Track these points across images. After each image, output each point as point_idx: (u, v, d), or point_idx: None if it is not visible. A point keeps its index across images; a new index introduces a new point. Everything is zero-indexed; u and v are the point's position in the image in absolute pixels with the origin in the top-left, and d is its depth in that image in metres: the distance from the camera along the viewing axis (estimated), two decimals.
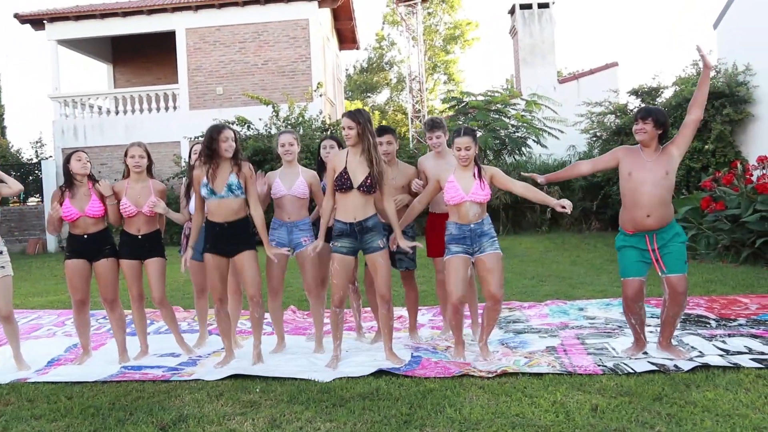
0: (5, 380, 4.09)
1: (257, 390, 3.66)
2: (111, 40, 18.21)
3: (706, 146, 9.13)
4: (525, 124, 9.76)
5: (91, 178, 4.52)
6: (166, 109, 16.40)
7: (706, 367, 3.69)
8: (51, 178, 15.94)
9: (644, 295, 4.07)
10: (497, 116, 10.23)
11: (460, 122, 10.56)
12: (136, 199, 4.41)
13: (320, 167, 4.85)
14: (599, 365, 3.84)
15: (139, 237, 4.45)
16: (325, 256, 4.42)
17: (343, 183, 3.99)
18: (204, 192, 4.05)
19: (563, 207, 3.99)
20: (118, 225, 4.53)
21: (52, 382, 3.99)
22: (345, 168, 4.00)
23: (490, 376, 3.73)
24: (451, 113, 11.84)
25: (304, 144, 13.71)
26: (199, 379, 3.92)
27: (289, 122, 14.45)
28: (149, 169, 4.55)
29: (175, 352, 4.61)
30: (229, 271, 4.24)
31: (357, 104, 31.09)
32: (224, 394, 3.62)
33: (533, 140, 10.31)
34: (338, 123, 15.87)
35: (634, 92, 10.95)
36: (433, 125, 4.70)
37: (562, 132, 10.27)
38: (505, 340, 4.65)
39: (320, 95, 15.63)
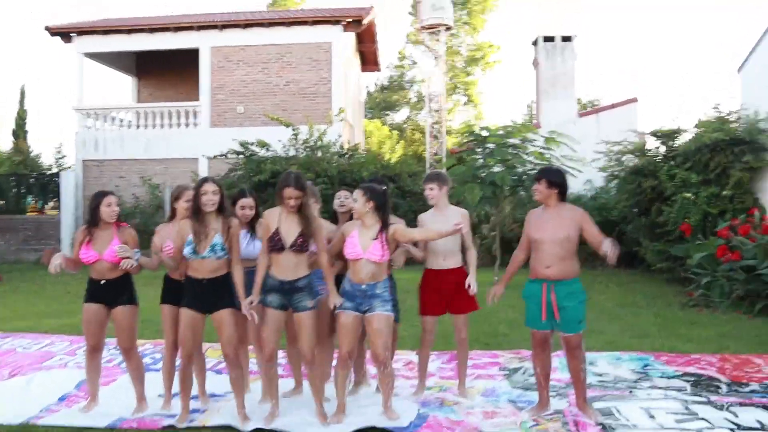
0: (16, 421, 4.15)
1: None
2: (136, 55, 18.49)
3: (724, 192, 9.10)
4: (544, 162, 9.76)
5: (118, 221, 4.43)
6: (187, 125, 16.62)
7: None
8: (70, 189, 16.16)
9: (549, 348, 4.27)
10: (515, 152, 10.25)
11: (478, 157, 10.59)
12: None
13: (334, 219, 4.87)
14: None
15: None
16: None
17: (275, 244, 4.02)
18: (187, 251, 4.02)
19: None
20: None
21: (63, 427, 4.03)
22: (278, 228, 4.04)
23: None
24: (464, 149, 11.91)
25: (322, 168, 13.82)
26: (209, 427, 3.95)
27: (308, 145, 14.57)
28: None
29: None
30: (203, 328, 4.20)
31: (376, 123, 31.23)
32: None
33: None
34: (357, 147, 15.99)
35: (654, 134, 10.94)
36: (428, 177, 4.76)
37: (580, 171, 10.26)
38: (513, 398, 4.63)
39: (341, 120, 15.74)
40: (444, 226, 4.54)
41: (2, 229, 16.48)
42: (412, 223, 4.83)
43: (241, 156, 14.49)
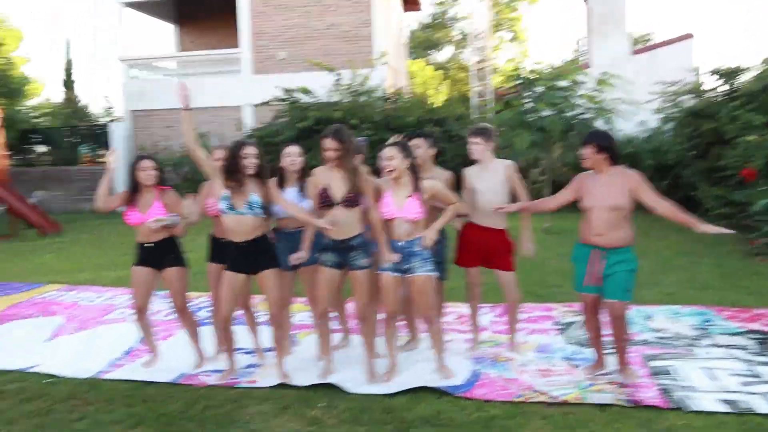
0: (85, 374, 4.33)
1: (321, 405, 3.75)
2: (176, 2, 18.34)
3: None
4: (595, 106, 9.38)
5: (160, 185, 4.47)
6: (230, 73, 16.55)
7: None
8: (120, 140, 16.43)
9: (598, 311, 4.16)
10: (565, 95, 9.84)
11: (526, 101, 10.23)
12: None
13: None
14: (665, 396, 3.75)
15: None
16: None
17: (324, 200, 4.00)
18: (223, 205, 4.02)
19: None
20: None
21: (129, 381, 4.19)
22: (327, 186, 4.01)
23: (551, 401, 3.71)
24: (514, 91, 11.48)
25: (366, 114, 13.64)
26: (264, 387, 4.05)
27: (351, 90, 14.36)
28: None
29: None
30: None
31: (420, 64, 30.55)
32: (289, 407, 3.73)
33: (603, 123, 9.91)
34: (401, 91, 15.69)
35: (715, 73, 10.32)
36: (473, 131, 4.60)
37: (635, 114, 9.83)
38: (568, 355, 4.58)
39: (383, 63, 15.42)
40: (489, 183, 4.45)
41: (59, 180, 17.02)
42: (458, 169, 4.67)
43: (284, 103, 14.41)
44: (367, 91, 14.31)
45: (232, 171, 4.00)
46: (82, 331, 5.45)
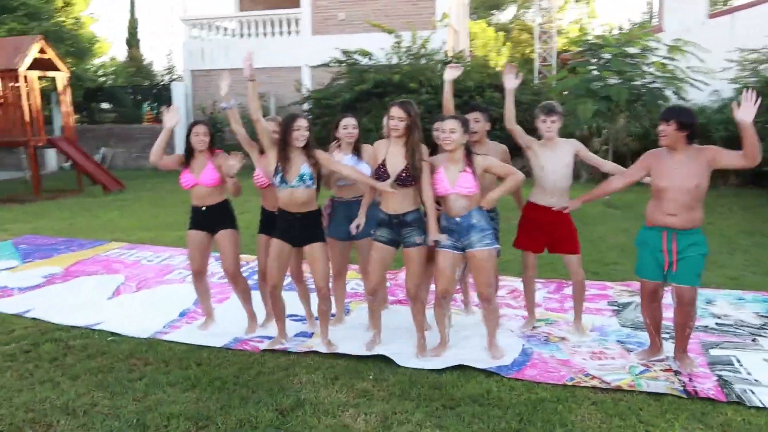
0: (144, 335, 4.51)
1: (370, 377, 3.79)
2: None
3: None
4: (666, 75, 8.89)
5: (212, 148, 4.52)
6: (289, 33, 16.55)
7: None
8: (180, 99, 16.75)
9: (659, 298, 4.02)
10: (633, 62, 9.38)
11: (592, 68, 9.81)
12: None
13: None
14: (723, 389, 3.62)
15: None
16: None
17: (380, 176, 3.95)
18: (276, 180, 4.05)
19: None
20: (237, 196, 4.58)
21: (184, 344, 4.34)
22: (384, 160, 3.95)
23: (603, 386, 3.63)
24: (579, 58, 11.02)
25: (426, 77, 13.42)
26: (317, 353, 4.13)
27: (411, 53, 14.14)
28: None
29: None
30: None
31: (481, 24, 29.73)
32: (339, 378, 3.78)
33: (673, 92, 9.43)
34: (462, 54, 15.33)
35: None
36: (547, 110, 4.40)
37: (707, 84, 9.27)
38: (622, 338, 4.47)
39: (444, 26, 15.07)
40: (556, 163, 4.33)
41: (123, 138, 17.57)
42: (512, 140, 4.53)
43: (343, 65, 14.32)
44: (427, 54, 14.06)
45: (284, 144, 4.01)
46: (142, 291, 5.67)
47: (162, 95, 19.08)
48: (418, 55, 14.11)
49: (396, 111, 3.93)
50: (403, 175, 3.91)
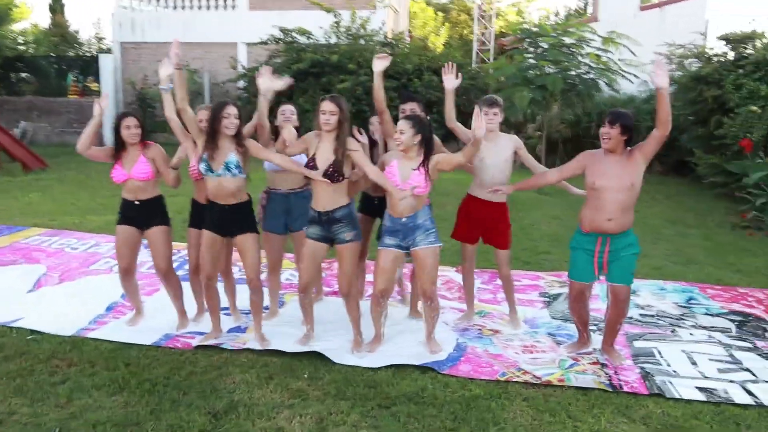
0: (68, 332, 4.30)
1: (305, 375, 3.76)
2: None
3: None
4: (600, 66, 9.11)
5: (144, 140, 4.34)
6: (225, 7, 16.02)
7: (760, 405, 3.55)
8: (108, 72, 16.00)
9: (587, 298, 4.17)
10: (570, 52, 9.57)
11: (529, 56, 9.95)
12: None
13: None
14: (646, 381, 3.78)
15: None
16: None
17: (308, 168, 3.91)
18: (202, 167, 3.94)
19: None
20: (175, 187, 4.45)
21: (110, 342, 4.17)
22: (314, 154, 3.91)
23: (535, 381, 3.74)
24: (517, 45, 11.17)
25: (364, 58, 13.29)
26: (251, 350, 4.05)
27: (350, 33, 13.95)
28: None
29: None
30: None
31: (421, 4, 29.64)
32: (273, 377, 3.73)
33: (605, 83, 9.69)
34: (401, 36, 15.25)
35: (725, 38, 10.02)
36: (490, 101, 4.45)
37: (638, 77, 9.58)
38: (553, 330, 4.60)
39: (385, 6, 14.93)
40: (495, 158, 4.37)
41: (46, 112, 16.63)
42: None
43: (280, 43, 14.00)
44: (366, 35, 13.91)
45: (213, 131, 3.89)
46: (65, 283, 5.40)
47: (89, 67, 18.15)
48: (357, 36, 13.95)
49: (327, 105, 3.87)
50: (330, 170, 3.86)
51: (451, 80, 4.27)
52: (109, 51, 17.80)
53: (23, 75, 18.85)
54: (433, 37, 28.11)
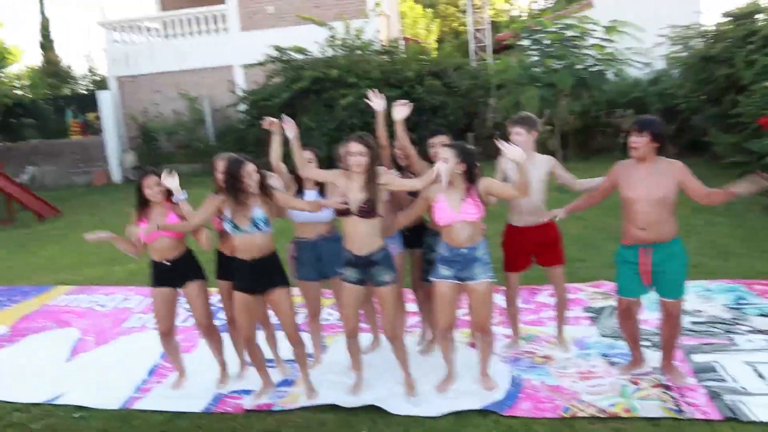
0: (115, 405, 4.20)
1: (364, 431, 3.65)
2: None
3: None
4: (606, 57, 8.96)
5: (169, 195, 4.21)
6: (216, 30, 15.91)
7: None
8: (108, 108, 15.93)
9: (636, 314, 4.06)
10: (573, 46, 9.42)
11: (532, 53, 9.80)
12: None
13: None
14: (714, 401, 3.65)
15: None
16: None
17: (341, 211, 3.79)
18: (228, 227, 3.84)
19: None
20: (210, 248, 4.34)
21: (160, 412, 4.07)
22: (344, 192, 3.80)
23: (600, 415, 3.62)
24: (512, 36, 11.01)
25: (363, 70, 13.18)
26: (302, 408, 3.94)
27: (346, 45, 13.83)
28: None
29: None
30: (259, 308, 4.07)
31: (409, 2, 29.47)
32: None
33: (613, 74, 9.55)
34: (397, 42, 15.12)
35: (728, 14, 9.83)
36: (516, 120, 4.32)
37: (646, 64, 9.42)
38: (605, 351, 4.48)
39: (378, 14, 14.80)
40: (533, 179, 4.23)
41: (50, 154, 16.58)
42: (458, 122, 4.40)
43: (276, 62, 13.89)
44: (363, 45, 13.79)
45: (234, 190, 3.78)
46: (101, 347, 5.31)
47: (87, 102, 18.07)
48: (353, 47, 13.83)
49: (356, 147, 3.75)
50: (364, 206, 3.75)
51: (400, 112, 4.09)
52: (104, 86, 17.73)
53: (24, 120, 18.77)
54: (425, 34, 27.94)
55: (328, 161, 4.12)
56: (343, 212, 3.80)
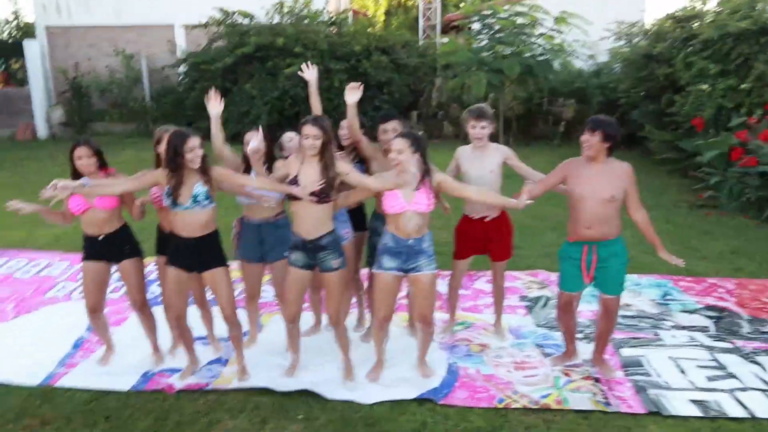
0: (36, 380, 3.99)
1: (300, 416, 3.60)
2: None
3: (743, 85, 8.62)
4: (554, 48, 9.07)
5: (103, 166, 3.97)
6: None
7: (754, 418, 3.61)
8: (36, 59, 14.95)
9: (575, 308, 4.15)
10: (523, 33, 9.49)
11: (482, 38, 9.82)
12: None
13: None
14: (640, 395, 3.81)
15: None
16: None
17: (293, 195, 3.71)
18: (167, 202, 3.68)
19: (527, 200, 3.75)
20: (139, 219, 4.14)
21: (86, 390, 3.89)
22: (296, 177, 3.72)
23: (533, 406, 3.70)
24: (466, 23, 11.01)
25: (311, 40, 12.88)
26: (237, 390, 3.86)
27: (293, 13, 13.46)
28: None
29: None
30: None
31: None
32: (267, 421, 3.56)
33: (560, 65, 9.69)
34: (346, 15, 14.83)
35: (672, 17, 10.12)
36: (479, 113, 4.31)
37: (592, 57, 9.61)
38: (540, 341, 4.58)
39: None
40: (482, 170, 4.25)
41: None
42: (402, 101, 4.36)
43: (221, 26, 13.39)
44: (310, 15, 13.46)
45: (175, 165, 3.60)
46: (21, 316, 5.03)
47: (11, 51, 16.93)
48: (301, 16, 13.48)
49: (310, 129, 3.64)
50: (319, 192, 3.66)
51: (353, 95, 4.08)
52: (30, 34, 16.64)
53: None
54: (373, 6, 27.61)
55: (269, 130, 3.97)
56: (294, 197, 3.70)
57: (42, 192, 3.50)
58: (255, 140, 3.77)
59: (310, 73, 4.21)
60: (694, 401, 3.75)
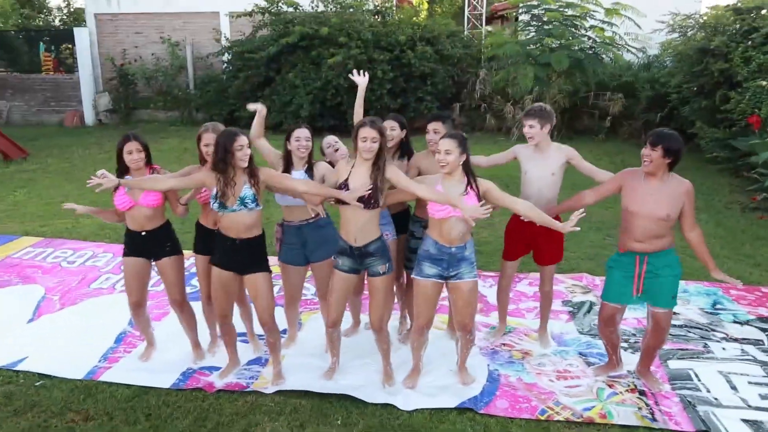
0: (79, 374, 4.06)
1: (338, 421, 3.58)
2: None
3: None
4: (605, 41, 8.76)
5: (149, 163, 4.00)
6: None
7: None
8: (85, 47, 15.29)
9: (618, 322, 3.99)
10: (573, 26, 9.19)
11: (530, 30, 9.56)
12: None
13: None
14: (687, 412, 3.66)
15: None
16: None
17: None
18: (214, 205, 3.65)
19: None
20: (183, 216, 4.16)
21: (127, 386, 3.94)
22: (347, 179, 3.64)
23: (576, 419, 3.60)
24: (513, 13, 10.73)
25: (355, 30, 12.78)
26: (272, 394, 3.85)
27: (338, 3, 13.38)
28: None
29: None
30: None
31: None
32: (305, 426, 3.55)
33: (609, 58, 9.38)
34: (389, 3, 14.68)
35: (734, 9, 9.65)
36: (529, 112, 4.17)
37: (644, 52, 9.25)
38: (583, 350, 4.46)
39: None
40: (542, 170, 4.12)
41: (20, 90, 15.90)
42: (446, 92, 4.31)
43: (266, 14, 13.40)
44: (355, 4, 13.36)
45: (225, 165, 3.57)
46: (66, 308, 5.12)
47: (62, 38, 17.29)
48: (345, 5, 13.39)
49: (368, 131, 3.55)
50: (367, 196, 3.59)
51: (362, 81, 4.26)
52: (81, 22, 16.98)
53: None
54: None
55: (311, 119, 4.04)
56: (342, 200, 3.64)
57: (89, 181, 3.58)
58: None
59: (361, 79, 4.27)
60: (745, 420, 3.60)
